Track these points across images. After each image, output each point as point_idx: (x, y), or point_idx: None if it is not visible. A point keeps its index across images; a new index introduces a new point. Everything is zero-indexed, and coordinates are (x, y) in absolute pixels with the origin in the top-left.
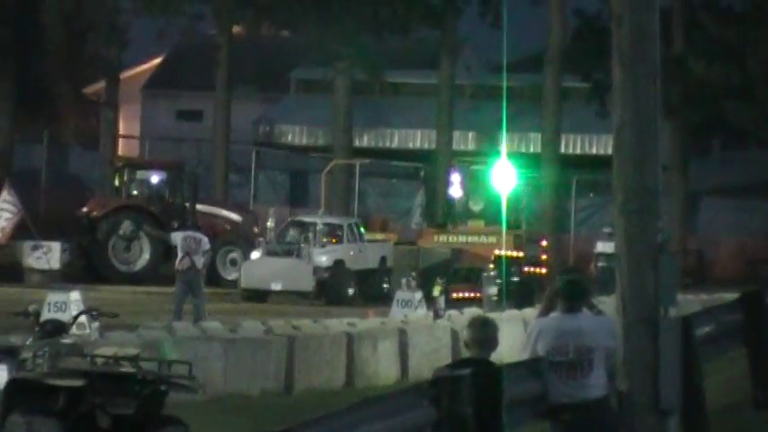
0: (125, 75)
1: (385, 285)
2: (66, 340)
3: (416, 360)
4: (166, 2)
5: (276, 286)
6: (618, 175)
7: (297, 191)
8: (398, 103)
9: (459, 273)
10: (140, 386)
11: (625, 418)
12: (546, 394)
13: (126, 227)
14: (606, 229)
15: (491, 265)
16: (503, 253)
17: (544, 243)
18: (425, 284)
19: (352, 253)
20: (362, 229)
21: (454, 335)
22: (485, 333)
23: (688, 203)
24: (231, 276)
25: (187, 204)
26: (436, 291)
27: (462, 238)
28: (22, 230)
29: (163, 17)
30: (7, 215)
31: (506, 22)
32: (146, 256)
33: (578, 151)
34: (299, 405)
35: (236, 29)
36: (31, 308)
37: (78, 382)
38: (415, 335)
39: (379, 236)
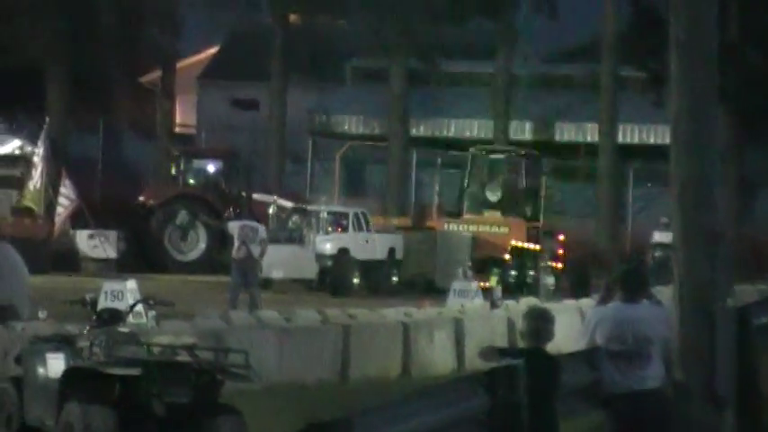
0: (181, 64)
1: (394, 278)
2: (123, 329)
3: (472, 350)
4: None
5: (278, 274)
6: (675, 165)
7: (353, 181)
8: (455, 92)
9: (474, 263)
10: (196, 375)
11: (681, 407)
12: (601, 384)
13: (182, 216)
14: (663, 219)
15: (506, 256)
16: (519, 244)
17: (561, 237)
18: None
19: (357, 242)
20: (369, 219)
21: (510, 324)
22: (540, 325)
23: (743, 193)
24: None
25: (243, 193)
26: (493, 281)
27: (473, 228)
28: (78, 219)
29: (218, 6)
30: (60, 209)
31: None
32: (201, 245)
33: (636, 141)
34: (354, 394)
35: (291, 18)
36: (88, 296)
37: (134, 371)
38: (471, 324)
39: (395, 221)
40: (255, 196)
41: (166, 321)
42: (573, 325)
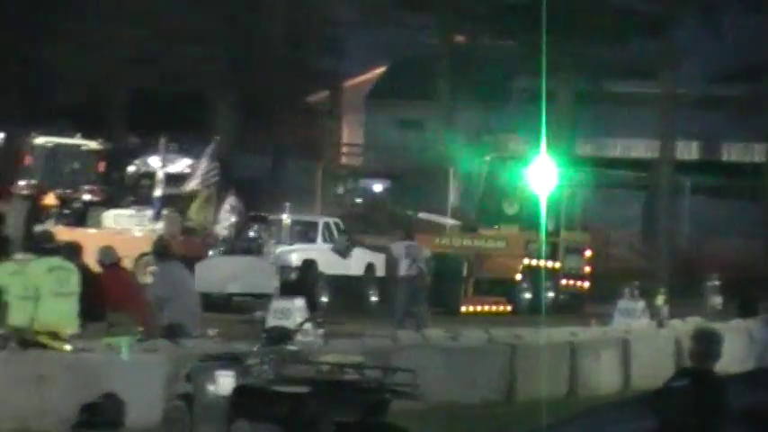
0: (349, 84)
1: (373, 298)
2: (291, 347)
3: (639, 369)
4: (388, 13)
5: (233, 288)
6: None
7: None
8: (620, 112)
9: (481, 283)
10: (364, 394)
11: None
12: None
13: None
14: None
15: (518, 276)
16: (533, 263)
17: (588, 253)
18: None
19: (328, 255)
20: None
21: (677, 344)
22: (707, 346)
23: None
24: None
25: (410, 213)
26: (659, 299)
27: (467, 242)
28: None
29: (385, 28)
30: (232, 219)
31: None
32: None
33: None
34: (520, 414)
35: (458, 38)
36: (257, 315)
37: (303, 390)
38: (638, 344)
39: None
40: (421, 215)
41: (334, 340)
42: (740, 346)
